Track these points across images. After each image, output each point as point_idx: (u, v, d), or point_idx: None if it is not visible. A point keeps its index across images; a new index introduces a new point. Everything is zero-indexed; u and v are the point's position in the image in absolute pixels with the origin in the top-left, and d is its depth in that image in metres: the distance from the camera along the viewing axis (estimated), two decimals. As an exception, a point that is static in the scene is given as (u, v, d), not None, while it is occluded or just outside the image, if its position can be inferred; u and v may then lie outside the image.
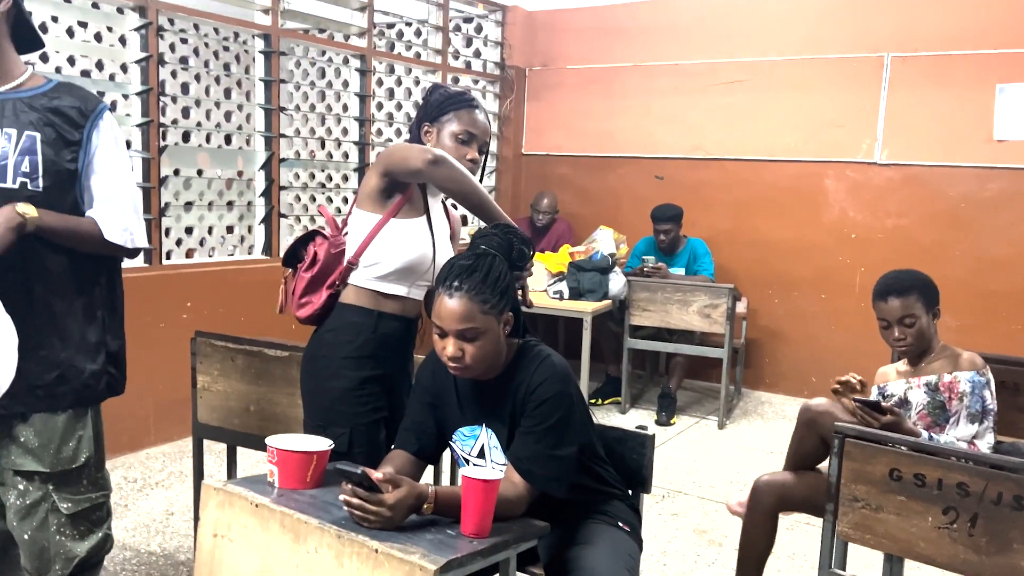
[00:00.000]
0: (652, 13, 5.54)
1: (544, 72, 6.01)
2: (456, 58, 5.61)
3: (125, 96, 3.71)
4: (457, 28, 5.60)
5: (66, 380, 1.79)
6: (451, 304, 1.64)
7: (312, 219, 5.39)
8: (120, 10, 3.63)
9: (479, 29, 5.96)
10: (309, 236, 2.03)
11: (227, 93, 4.92)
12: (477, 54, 5.89)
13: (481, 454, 1.77)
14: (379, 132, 5.26)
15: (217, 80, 4.75)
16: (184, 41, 4.33)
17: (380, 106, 5.39)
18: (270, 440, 1.70)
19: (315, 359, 2.03)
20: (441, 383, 1.81)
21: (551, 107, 5.95)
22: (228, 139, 4.72)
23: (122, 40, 3.70)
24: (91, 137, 1.76)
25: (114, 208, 1.78)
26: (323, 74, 5.54)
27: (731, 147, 5.37)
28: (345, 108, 4.95)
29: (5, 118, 1.70)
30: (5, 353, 1.16)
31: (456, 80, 5.59)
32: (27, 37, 1.82)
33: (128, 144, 3.47)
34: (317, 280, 1.99)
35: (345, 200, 5.06)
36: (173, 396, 3.83)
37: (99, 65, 4.21)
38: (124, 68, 3.75)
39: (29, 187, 1.69)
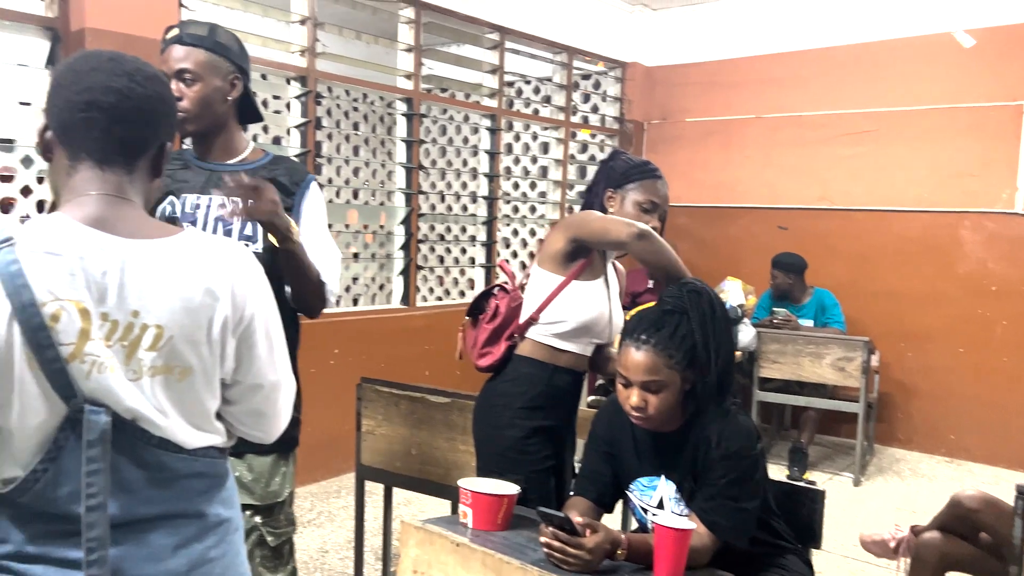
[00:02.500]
0: (774, 66, 5.58)
1: (663, 125, 6.12)
2: (574, 113, 5.80)
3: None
4: (575, 85, 5.80)
5: None
6: (637, 356, 1.74)
7: (447, 270, 5.63)
8: (288, 80, 3.98)
9: (597, 85, 6.14)
10: (491, 290, 2.17)
11: (373, 153, 5.26)
12: (595, 109, 6.07)
13: (660, 505, 1.84)
14: (515, 186, 5.50)
15: (366, 141, 5.08)
16: (338, 106, 4.67)
17: (517, 160, 5.65)
18: (463, 482, 1.82)
19: (490, 407, 2.15)
20: (618, 432, 1.90)
21: (670, 159, 6.04)
22: (372, 194, 5.03)
23: (287, 106, 4.04)
24: (300, 204, 1.94)
25: (322, 264, 1.92)
26: (458, 131, 5.84)
27: (857, 197, 5.31)
28: (475, 165, 5.20)
29: (233, 188, 1.90)
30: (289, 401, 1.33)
31: (573, 135, 5.76)
32: (249, 112, 2.01)
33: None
34: (498, 332, 2.12)
35: (479, 241, 5.27)
36: (319, 439, 4.05)
37: (265, 128, 4.59)
38: (288, 131, 4.09)
39: (250, 248, 1.90)
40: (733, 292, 4.90)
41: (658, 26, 6.05)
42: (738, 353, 4.66)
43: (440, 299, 5.59)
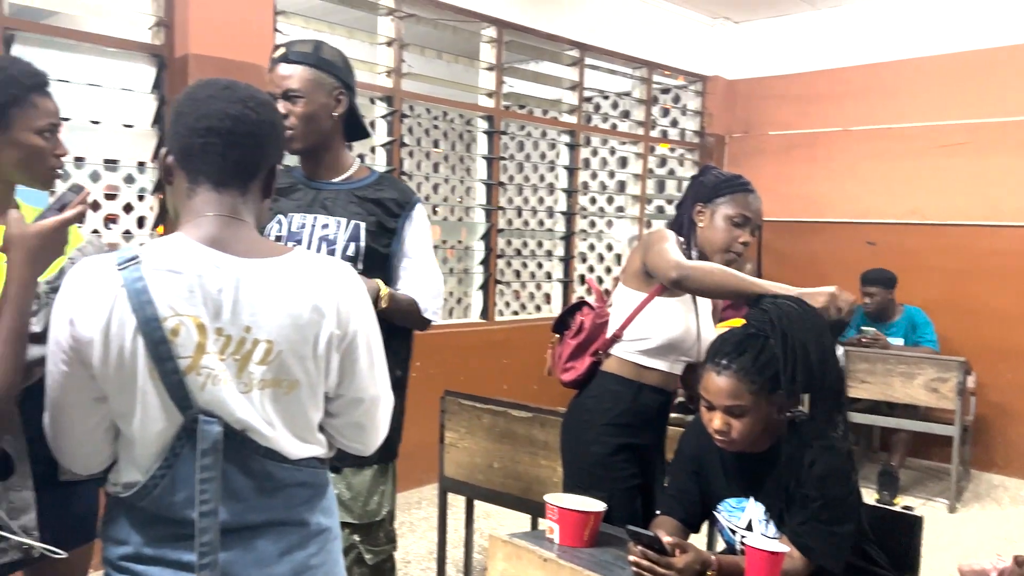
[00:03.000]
0: (862, 78, 5.44)
1: (745, 139, 6.03)
2: (653, 128, 5.77)
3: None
4: (655, 99, 5.78)
5: None
6: (719, 381, 1.71)
7: (523, 284, 5.67)
8: (372, 100, 4.10)
9: (677, 99, 6.10)
10: (577, 306, 2.19)
11: (452, 169, 5.35)
12: (674, 123, 6.03)
13: (749, 526, 1.81)
14: (592, 200, 5.51)
15: (445, 158, 5.18)
16: (419, 124, 4.78)
17: (594, 175, 5.67)
18: (549, 498, 1.83)
19: (576, 423, 2.16)
20: (706, 452, 1.88)
21: (751, 173, 5.85)
22: (451, 210, 5.12)
23: (372, 125, 4.16)
24: (404, 226, 1.95)
25: (424, 288, 1.95)
26: (535, 146, 5.89)
27: (950, 211, 5.10)
28: (552, 182, 5.22)
29: (339, 207, 1.92)
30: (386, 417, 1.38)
31: (652, 149, 5.73)
32: (356, 128, 2.01)
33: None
34: (582, 347, 2.13)
35: (552, 255, 5.29)
36: (401, 450, 4.12)
37: (349, 147, 4.72)
38: (373, 150, 4.20)
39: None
40: (819, 309, 4.77)
41: (740, 39, 5.97)
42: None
43: (516, 313, 5.63)
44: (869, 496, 4.38)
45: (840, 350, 4.50)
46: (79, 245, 1.45)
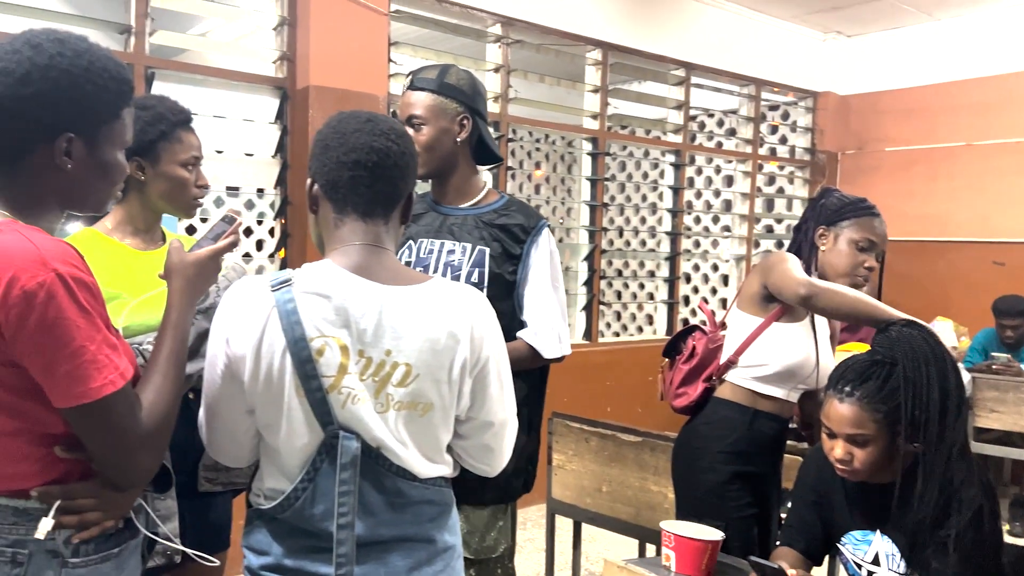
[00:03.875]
0: (985, 90, 5.16)
1: (859, 155, 5.81)
2: (761, 145, 5.64)
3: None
4: (763, 116, 5.66)
5: (489, 481, 1.79)
6: (841, 409, 1.65)
7: (624, 306, 5.64)
8: (480, 125, 4.19)
9: (786, 116, 5.95)
10: (689, 330, 2.16)
11: (553, 190, 5.40)
12: (783, 140, 5.88)
13: (876, 561, 1.73)
14: (696, 220, 5.43)
15: (547, 179, 5.23)
16: (521, 147, 4.85)
17: (699, 195, 5.59)
18: (665, 525, 1.81)
19: (689, 450, 2.12)
20: (827, 482, 1.81)
21: (867, 191, 5.67)
22: (552, 231, 5.16)
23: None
24: (530, 252, 1.89)
25: (546, 318, 1.89)
26: (638, 166, 5.87)
27: (1090, 229, 4.76)
28: (657, 200, 5.18)
29: (465, 232, 1.89)
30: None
31: (760, 167, 5.60)
32: (486, 152, 1.97)
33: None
34: (694, 372, 2.10)
35: (660, 277, 5.23)
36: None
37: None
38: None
39: None
40: (944, 333, 4.53)
41: (853, 53, 5.78)
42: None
43: (617, 335, 5.59)
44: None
45: (967, 376, 4.26)
46: (224, 271, 1.54)
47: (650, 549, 2.71)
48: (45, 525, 1.11)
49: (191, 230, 3.39)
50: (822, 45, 5.75)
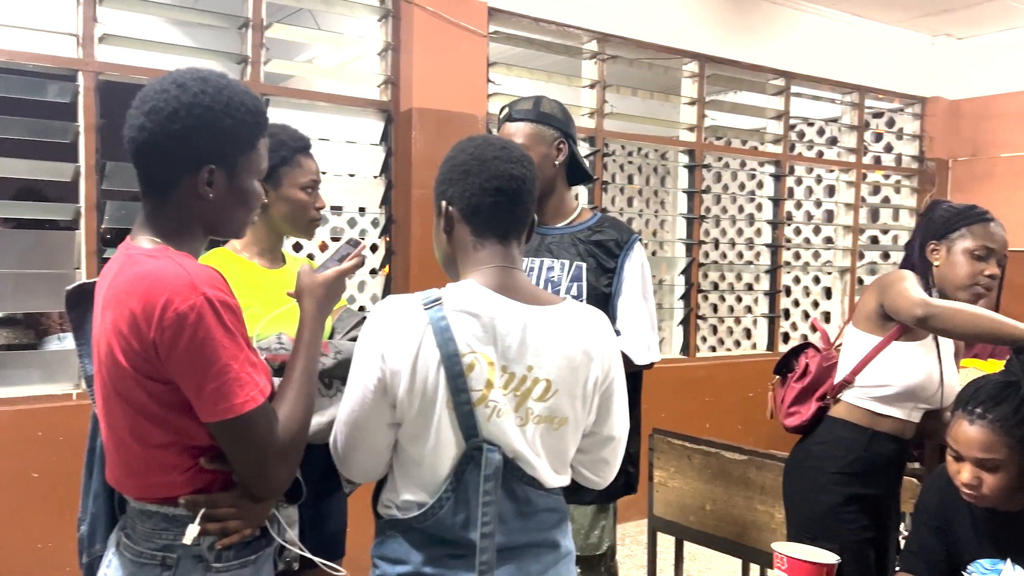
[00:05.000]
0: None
1: (971, 162, 5.55)
2: (865, 154, 5.45)
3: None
4: (866, 124, 5.47)
5: None
6: (971, 431, 1.58)
7: (720, 320, 5.54)
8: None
9: (891, 123, 5.73)
10: (801, 347, 2.12)
11: (647, 203, 5.37)
12: (889, 148, 5.66)
13: (1007, 591, 1.65)
14: (796, 231, 5.29)
15: (639, 192, 5.21)
16: (614, 160, 4.85)
17: (799, 205, 5.46)
18: (777, 547, 1.77)
19: (801, 470, 2.08)
20: (950, 507, 1.74)
21: (981, 198, 5.37)
22: (645, 245, 5.13)
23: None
24: (623, 265, 2.00)
25: (638, 328, 1.99)
26: (734, 177, 5.77)
27: None
28: (755, 211, 5.08)
29: (562, 250, 2.01)
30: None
31: (864, 176, 5.41)
32: (578, 172, 2.10)
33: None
34: (807, 391, 2.06)
35: (760, 297, 5.12)
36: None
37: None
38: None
39: None
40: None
41: (964, 56, 5.53)
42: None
43: (714, 349, 5.49)
44: None
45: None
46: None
47: (754, 570, 2.66)
48: (192, 531, 1.19)
49: (297, 248, 3.54)
50: (931, 48, 5.52)
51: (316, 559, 1.45)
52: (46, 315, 4.68)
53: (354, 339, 1.61)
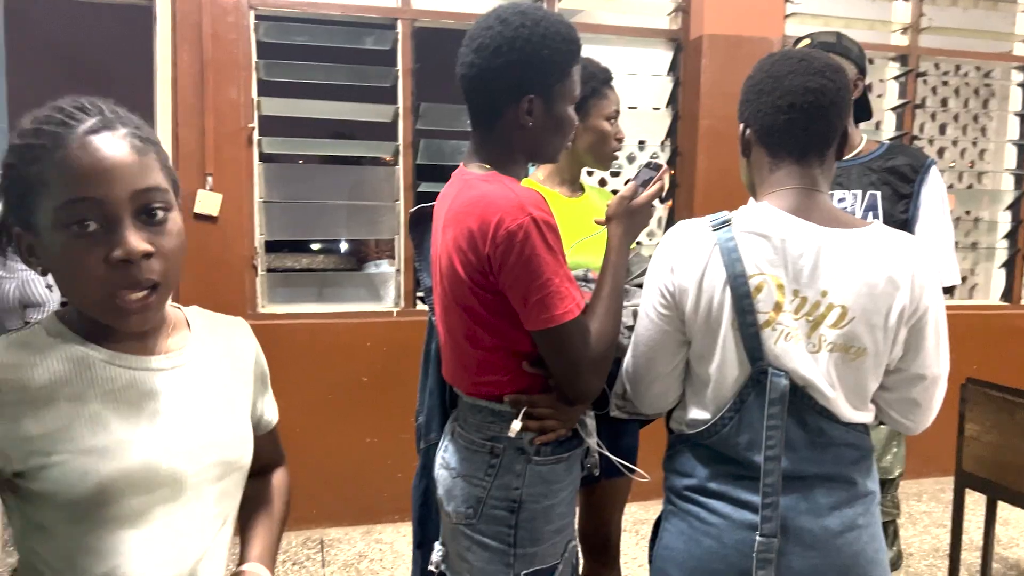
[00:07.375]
0: None
1: None
2: None
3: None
4: None
5: None
6: None
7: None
8: (871, 61, 3.83)
9: None
10: None
11: (982, 131, 4.73)
12: None
13: None
14: None
15: (975, 118, 4.63)
16: (945, 84, 4.33)
17: None
18: None
19: None
20: None
21: None
22: (978, 178, 4.53)
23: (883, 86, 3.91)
24: (920, 190, 2.00)
25: (942, 249, 1.98)
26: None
27: None
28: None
29: (852, 181, 2.03)
30: None
31: None
32: (863, 110, 2.16)
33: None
34: None
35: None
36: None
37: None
38: (880, 117, 3.95)
39: None
40: None
41: None
42: None
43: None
44: None
45: None
46: None
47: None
48: (516, 425, 1.33)
49: (602, 183, 3.62)
50: None
51: (622, 463, 1.54)
52: (365, 243, 5.33)
53: (640, 286, 1.67)
